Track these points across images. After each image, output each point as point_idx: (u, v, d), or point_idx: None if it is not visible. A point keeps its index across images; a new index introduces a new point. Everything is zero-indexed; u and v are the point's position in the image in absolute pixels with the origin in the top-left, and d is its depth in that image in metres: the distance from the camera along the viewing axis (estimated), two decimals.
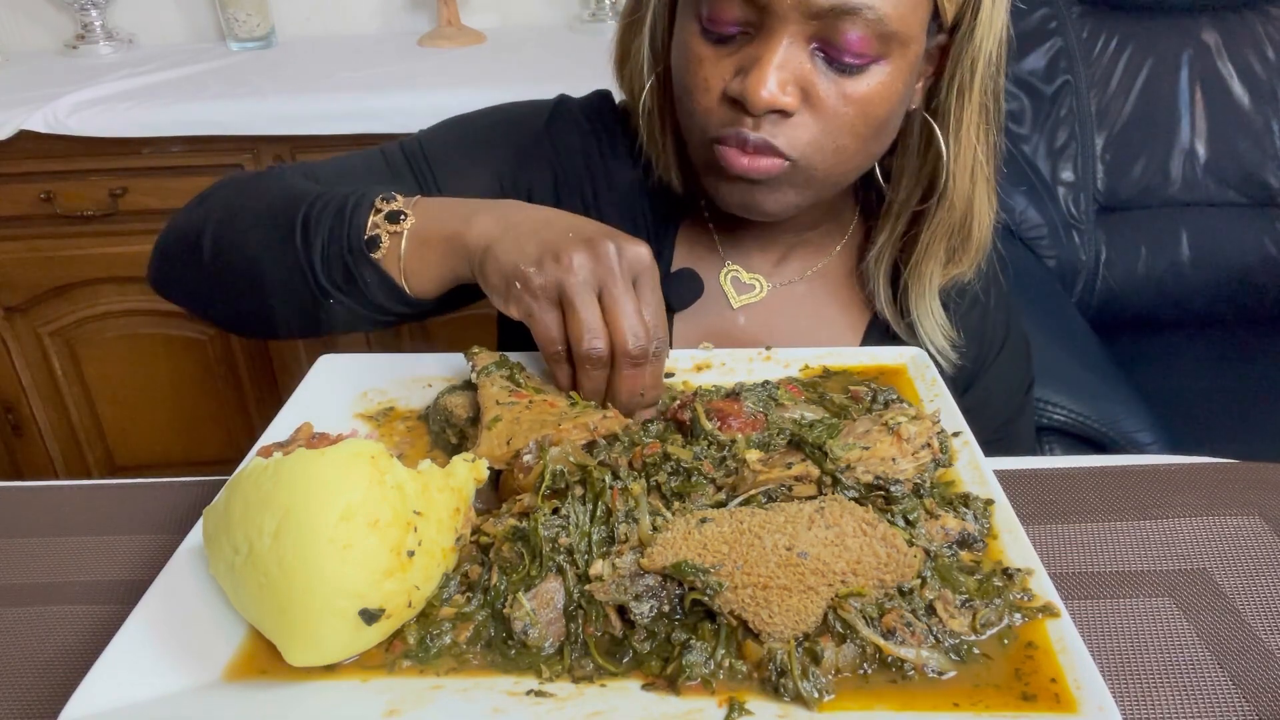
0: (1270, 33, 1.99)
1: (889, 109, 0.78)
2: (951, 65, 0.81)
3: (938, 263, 0.90)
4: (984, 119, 0.85)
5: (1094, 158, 2.00)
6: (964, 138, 0.84)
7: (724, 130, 0.77)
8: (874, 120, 0.78)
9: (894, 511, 0.58)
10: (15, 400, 2.05)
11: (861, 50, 0.73)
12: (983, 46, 0.80)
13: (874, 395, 0.71)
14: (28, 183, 1.84)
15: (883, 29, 0.73)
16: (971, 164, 0.86)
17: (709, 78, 0.77)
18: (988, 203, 0.89)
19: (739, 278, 0.94)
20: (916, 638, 0.50)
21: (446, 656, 0.52)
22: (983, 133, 0.85)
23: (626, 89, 0.93)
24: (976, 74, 0.81)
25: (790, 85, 0.74)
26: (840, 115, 0.76)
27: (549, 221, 0.70)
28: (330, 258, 0.75)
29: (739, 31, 0.76)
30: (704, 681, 0.49)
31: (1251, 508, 0.69)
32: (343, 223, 0.74)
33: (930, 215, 0.87)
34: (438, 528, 0.54)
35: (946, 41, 0.80)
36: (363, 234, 0.73)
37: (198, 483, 0.75)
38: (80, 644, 0.60)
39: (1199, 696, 0.54)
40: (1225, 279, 2.00)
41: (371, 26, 2.30)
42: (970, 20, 0.78)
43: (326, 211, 0.76)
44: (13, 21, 2.22)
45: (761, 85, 0.73)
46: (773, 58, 0.73)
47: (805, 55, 0.74)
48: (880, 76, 0.76)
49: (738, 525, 0.53)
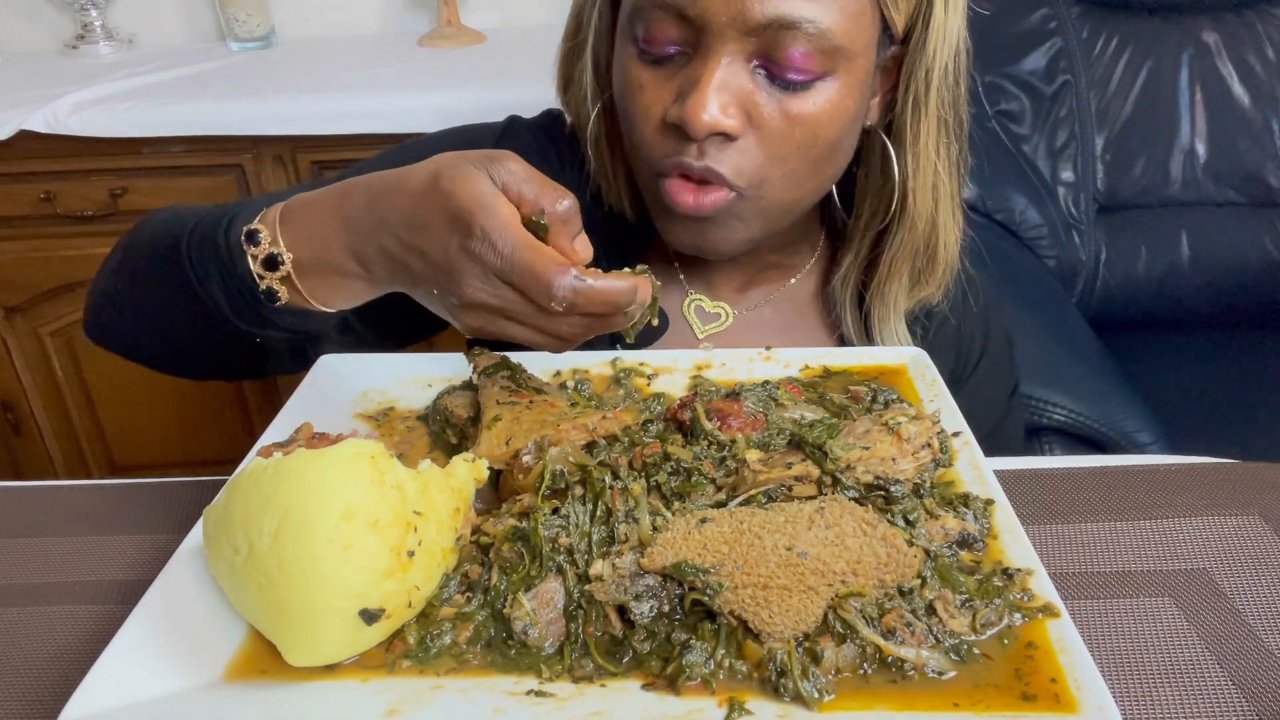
0: (1270, 33, 1.99)
1: (839, 128, 0.74)
2: (905, 78, 0.77)
3: (902, 285, 0.87)
4: (943, 133, 0.81)
5: (1094, 158, 2.00)
6: (922, 153, 0.80)
7: (666, 162, 0.74)
8: (824, 141, 0.74)
9: (894, 511, 0.58)
10: (15, 400, 2.05)
11: (805, 66, 0.70)
12: (937, 57, 0.76)
13: (874, 395, 0.71)
14: (28, 183, 1.84)
15: (826, 43, 0.69)
16: (932, 181, 0.82)
17: (650, 104, 0.74)
18: (953, 221, 0.85)
19: (703, 307, 0.91)
20: (916, 638, 0.50)
21: (446, 656, 0.52)
22: (943, 148, 0.81)
23: (573, 114, 0.89)
24: (932, 86, 0.77)
25: (732, 106, 0.71)
26: (787, 136, 0.72)
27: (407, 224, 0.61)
28: (239, 309, 0.69)
29: (677, 52, 0.72)
30: (704, 681, 0.49)
31: (1251, 508, 0.69)
32: (230, 273, 0.68)
33: (892, 235, 0.84)
34: (438, 528, 0.54)
35: (901, 53, 0.77)
36: (255, 287, 0.67)
37: (198, 483, 0.75)
38: (80, 644, 0.60)
39: (1199, 696, 0.54)
40: (1225, 279, 2.00)
41: (371, 26, 2.30)
42: (922, 30, 0.75)
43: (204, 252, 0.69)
44: (13, 21, 2.22)
45: (701, 108, 0.69)
46: (711, 78, 0.69)
47: (747, 74, 0.71)
48: (828, 94, 0.72)
49: (738, 525, 0.53)
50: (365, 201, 0.64)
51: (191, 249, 0.70)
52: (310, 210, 0.66)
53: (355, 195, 0.65)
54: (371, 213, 0.63)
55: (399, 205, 0.61)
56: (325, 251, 0.65)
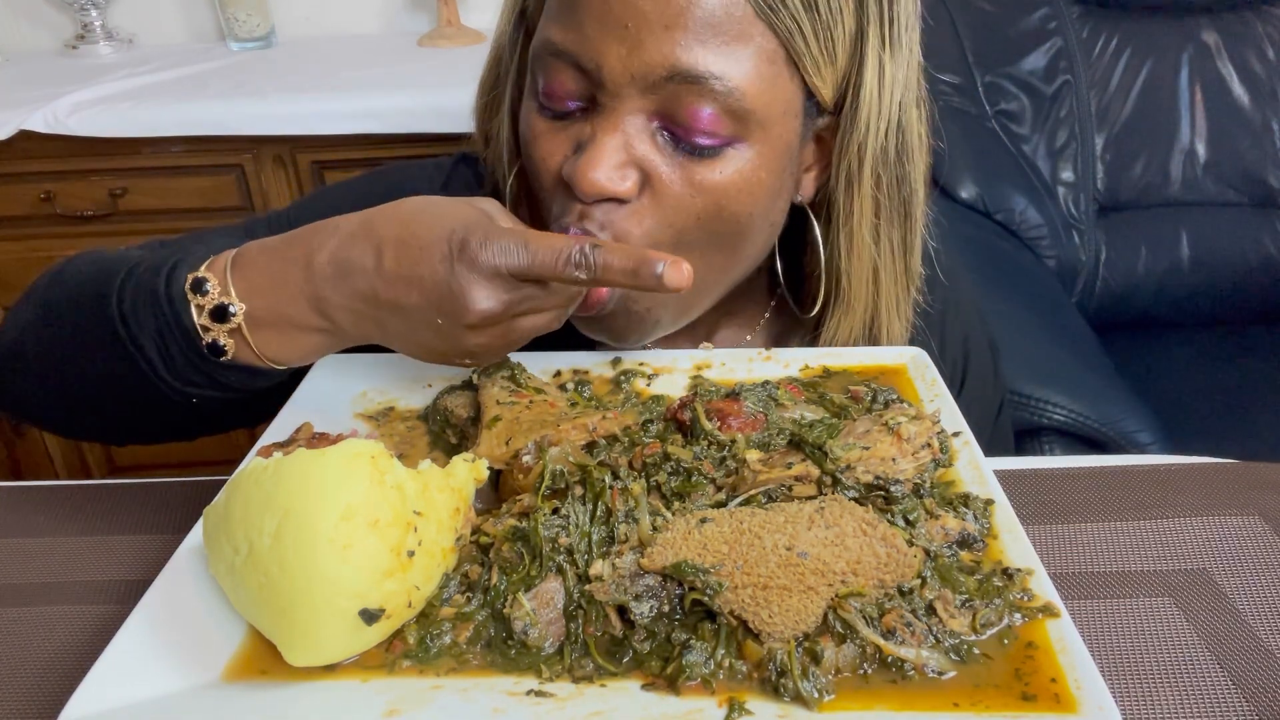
0: (1270, 33, 1.99)
1: (749, 202, 0.68)
2: (837, 152, 0.71)
3: None
4: (879, 214, 0.73)
5: (1094, 158, 2.00)
6: (855, 234, 0.73)
7: (560, 221, 0.69)
8: (730, 215, 0.67)
9: (894, 511, 0.58)
10: None
11: (712, 129, 0.64)
12: (870, 130, 0.69)
13: (874, 395, 0.71)
14: (28, 183, 1.85)
15: (736, 104, 0.63)
16: (871, 265, 0.75)
17: (546, 157, 0.69)
18: (899, 310, 0.78)
19: None
20: (916, 638, 0.50)
21: (446, 657, 0.52)
22: (881, 231, 0.74)
23: (492, 171, 0.83)
24: (865, 161, 0.70)
25: (629, 168, 0.65)
26: (687, 205, 0.66)
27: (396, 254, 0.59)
28: (177, 365, 0.64)
29: (577, 108, 0.67)
30: (704, 681, 0.49)
31: (1251, 508, 0.69)
32: (170, 327, 0.63)
33: (828, 319, 0.78)
34: (438, 528, 0.54)
35: (833, 124, 0.71)
36: (198, 340, 0.62)
37: (198, 483, 0.75)
38: (80, 644, 0.60)
39: (1199, 696, 0.54)
40: (1225, 279, 2.00)
41: (371, 26, 2.30)
42: (853, 100, 0.68)
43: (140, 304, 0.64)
44: (13, 21, 2.22)
45: (591, 168, 0.64)
46: (607, 138, 0.64)
47: (647, 135, 0.65)
48: (737, 163, 0.65)
49: (738, 525, 0.53)
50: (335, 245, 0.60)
51: (124, 300, 0.64)
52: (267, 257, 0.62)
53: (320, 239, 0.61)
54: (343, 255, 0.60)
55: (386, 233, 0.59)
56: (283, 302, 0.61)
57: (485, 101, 0.81)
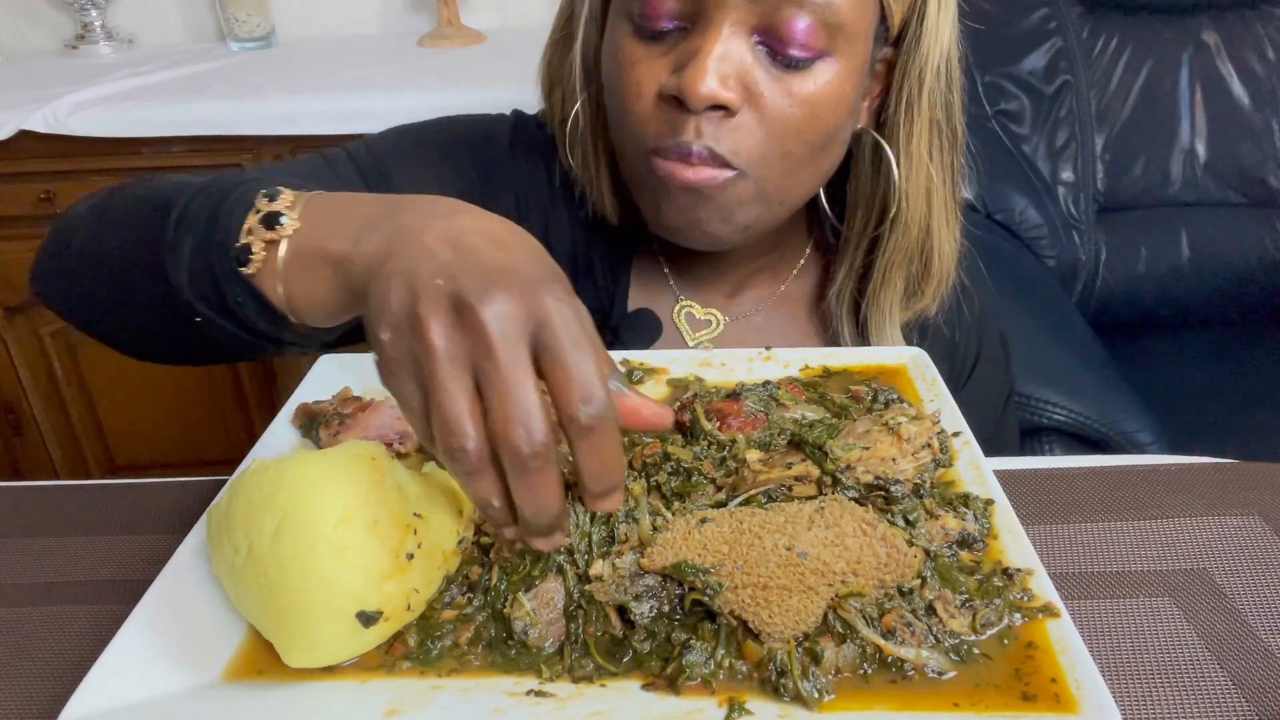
0: (1270, 33, 1.99)
1: (838, 114, 0.73)
2: (899, 78, 0.77)
3: (896, 293, 0.85)
4: (936, 136, 0.79)
5: (1094, 158, 2.00)
6: (915, 155, 0.79)
7: (662, 141, 0.72)
8: (823, 125, 0.72)
9: (894, 511, 0.58)
10: (15, 400, 2.05)
11: (808, 42, 0.69)
12: (930, 57, 0.75)
13: (874, 395, 0.71)
14: (28, 183, 1.84)
15: (831, 18, 0.68)
16: (926, 185, 0.80)
17: (642, 80, 0.72)
18: (948, 229, 0.83)
19: (693, 314, 0.90)
20: (916, 638, 0.50)
21: (447, 658, 0.52)
22: (936, 151, 0.80)
23: (557, 114, 0.86)
24: (924, 86, 0.76)
25: (731, 79, 0.69)
26: (787, 116, 0.71)
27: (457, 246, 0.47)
28: (197, 270, 0.60)
29: (675, 27, 0.71)
30: (704, 681, 0.49)
31: (1251, 508, 0.69)
32: (215, 225, 0.59)
33: (885, 241, 0.83)
34: (439, 530, 0.54)
35: (892, 56, 0.77)
36: (233, 241, 0.58)
37: (198, 483, 0.75)
38: (80, 644, 0.60)
39: (1199, 696, 0.54)
40: (1225, 279, 2.00)
41: (371, 26, 2.30)
42: (917, 27, 0.74)
43: (203, 208, 0.61)
44: (13, 21, 2.22)
45: (700, 78, 0.67)
46: (712, 48, 0.68)
47: (747, 49, 0.69)
48: (828, 75, 0.71)
49: (737, 525, 0.53)
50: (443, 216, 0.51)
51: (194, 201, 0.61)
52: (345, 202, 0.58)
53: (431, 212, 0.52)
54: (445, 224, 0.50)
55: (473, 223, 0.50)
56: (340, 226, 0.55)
57: (557, 39, 0.84)
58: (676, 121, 0.71)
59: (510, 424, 0.43)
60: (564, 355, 0.44)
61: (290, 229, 0.57)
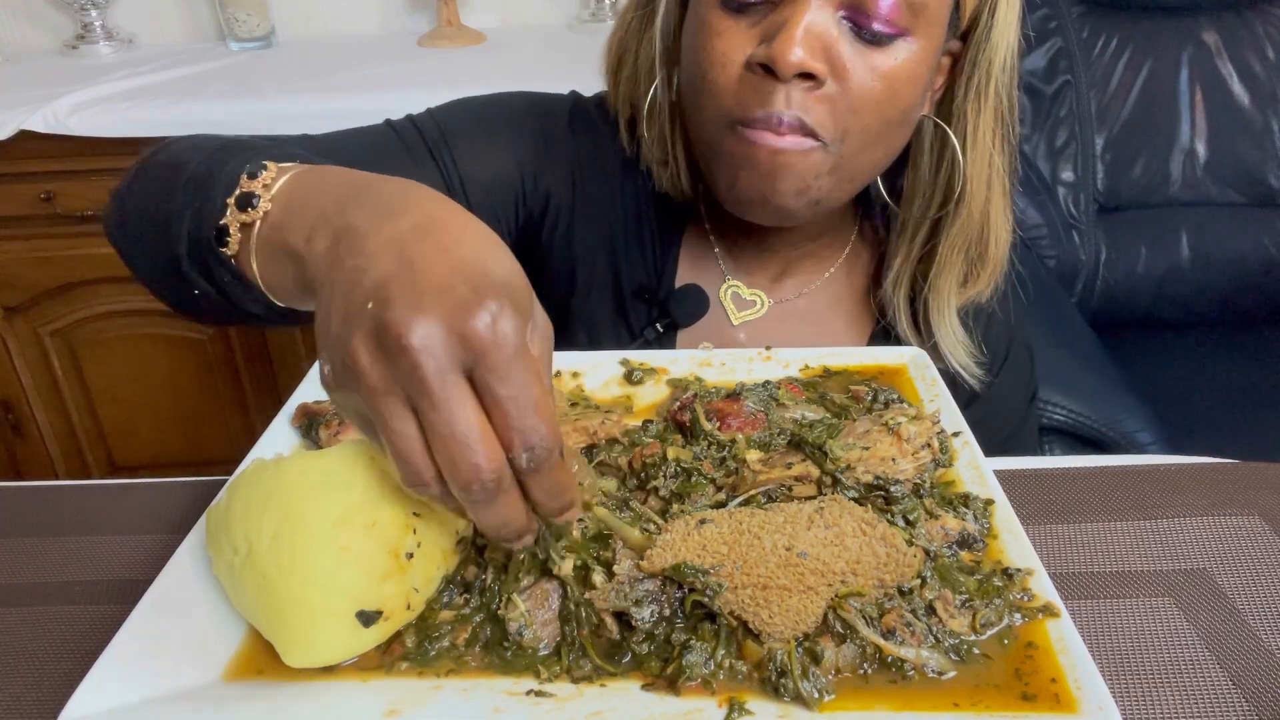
0: (1270, 33, 1.98)
1: (914, 92, 0.75)
2: (968, 68, 0.79)
3: (954, 279, 0.87)
4: (999, 125, 0.82)
5: (1094, 158, 2.00)
6: (980, 143, 0.82)
7: (749, 112, 0.74)
8: (900, 102, 0.75)
9: (894, 511, 0.58)
10: (15, 400, 2.05)
11: (892, 17, 0.71)
12: (999, 48, 0.78)
13: (875, 395, 0.71)
14: (28, 183, 1.84)
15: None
16: (988, 172, 0.83)
17: (728, 51, 0.74)
18: (1004, 217, 0.86)
19: (739, 294, 0.92)
20: (916, 638, 0.50)
21: (445, 659, 0.52)
22: (998, 140, 0.83)
23: (625, 94, 0.89)
24: (993, 77, 0.79)
25: (819, 50, 0.71)
26: (869, 90, 0.73)
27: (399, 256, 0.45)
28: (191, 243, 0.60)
29: (761, 1, 0.73)
30: (704, 682, 0.49)
31: (1251, 508, 0.69)
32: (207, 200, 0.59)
33: (947, 225, 0.85)
34: (438, 530, 0.54)
35: (959, 49, 0.80)
36: (215, 220, 0.58)
37: (198, 483, 0.74)
38: (80, 644, 0.60)
39: (1199, 696, 0.54)
40: (1225, 279, 2.00)
41: (371, 26, 2.30)
42: (988, 20, 0.77)
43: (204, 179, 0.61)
44: (13, 21, 2.22)
45: (790, 47, 0.69)
46: (801, 18, 0.70)
47: (833, 22, 0.72)
48: (908, 53, 0.73)
49: (737, 526, 0.53)
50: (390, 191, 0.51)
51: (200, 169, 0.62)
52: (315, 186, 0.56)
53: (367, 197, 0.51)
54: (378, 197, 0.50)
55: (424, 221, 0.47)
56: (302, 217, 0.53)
57: (636, 17, 0.86)
58: (765, 91, 0.73)
59: (455, 465, 0.42)
60: (498, 394, 0.42)
61: (262, 211, 0.56)
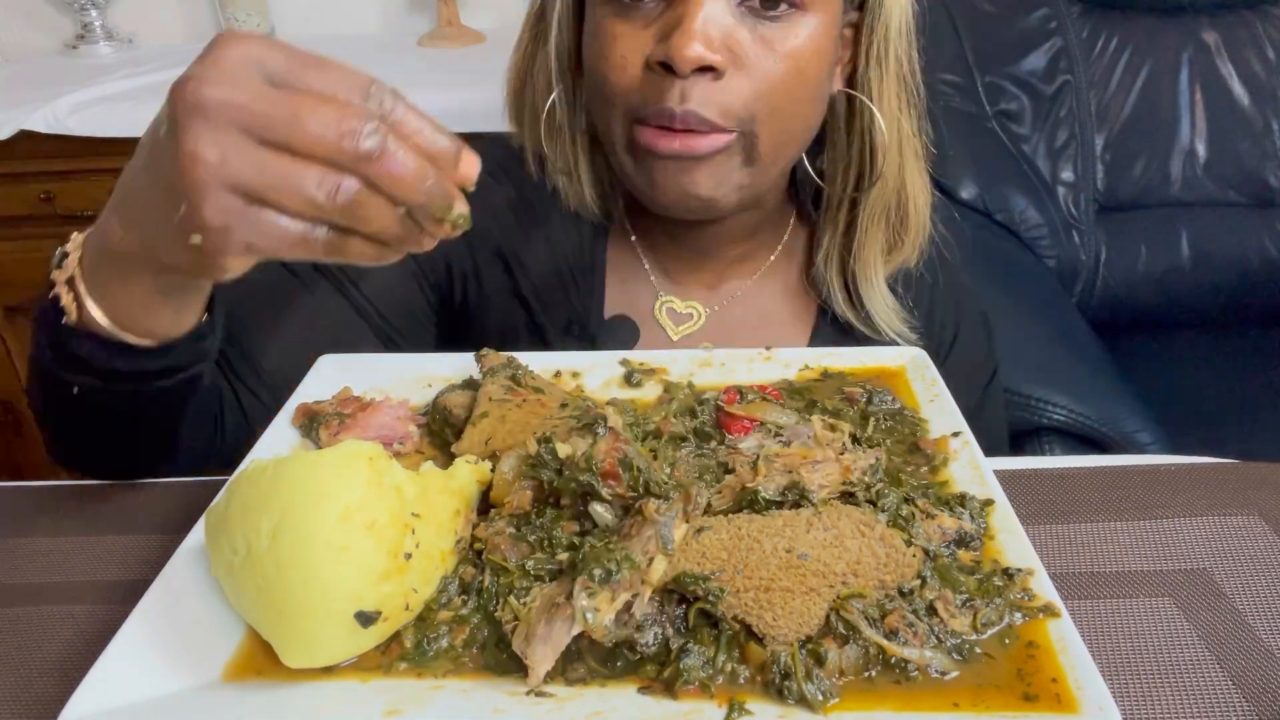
0: (1270, 33, 1.99)
1: (819, 68, 0.76)
2: (867, 35, 0.81)
3: (879, 248, 0.88)
4: (903, 89, 0.83)
5: (1094, 158, 2.00)
6: (887, 109, 0.83)
7: (648, 109, 0.74)
8: (806, 80, 0.76)
9: (882, 507, 0.58)
10: (15, 400, 2.05)
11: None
12: (894, 13, 0.79)
13: (869, 397, 0.71)
14: (28, 183, 1.85)
15: None
16: (899, 138, 0.84)
17: (627, 53, 0.74)
18: (920, 181, 0.87)
19: (674, 308, 0.91)
20: (919, 638, 0.50)
21: (443, 660, 0.52)
22: (905, 105, 0.84)
23: (529, 115, 0.87)
24: (890, 42, 0.80)
25: (717, 41, 0.71)
26: (772, 72, 0.74)
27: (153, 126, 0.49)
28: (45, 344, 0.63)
29: None
30: (701, 685, 0.49)
31: (1251, 508, 0.69)
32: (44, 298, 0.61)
33: (865, 196, 0.86)
34: (437, 530, 0.54)
35: (859, 20, 0.81)
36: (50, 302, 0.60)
37: (198, 483, 0.74)
38: (80, 644, 0.60)
39: (1199, 696, 0.54)
40: (1225, 279, 2.00)
41: (371, 26, 2.30)
42: None
43: (37, 306, 0.63)
44: (13, 21, 2.22)
45: (688, 42, 0.70)
46: (696, 12, 0.70)
47: (729, 10, 0.72)
48: (808, 30, 0.74)
49: (736, 531, 0.53)
50: None
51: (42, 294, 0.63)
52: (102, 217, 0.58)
53: None
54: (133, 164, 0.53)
55: None
56: (102, 232, 0.56)
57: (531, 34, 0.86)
58: (662, 88, 0.73)
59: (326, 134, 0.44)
60: (306, 78, 0.45)
61: (74, 257, 0.58)
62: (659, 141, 0.74)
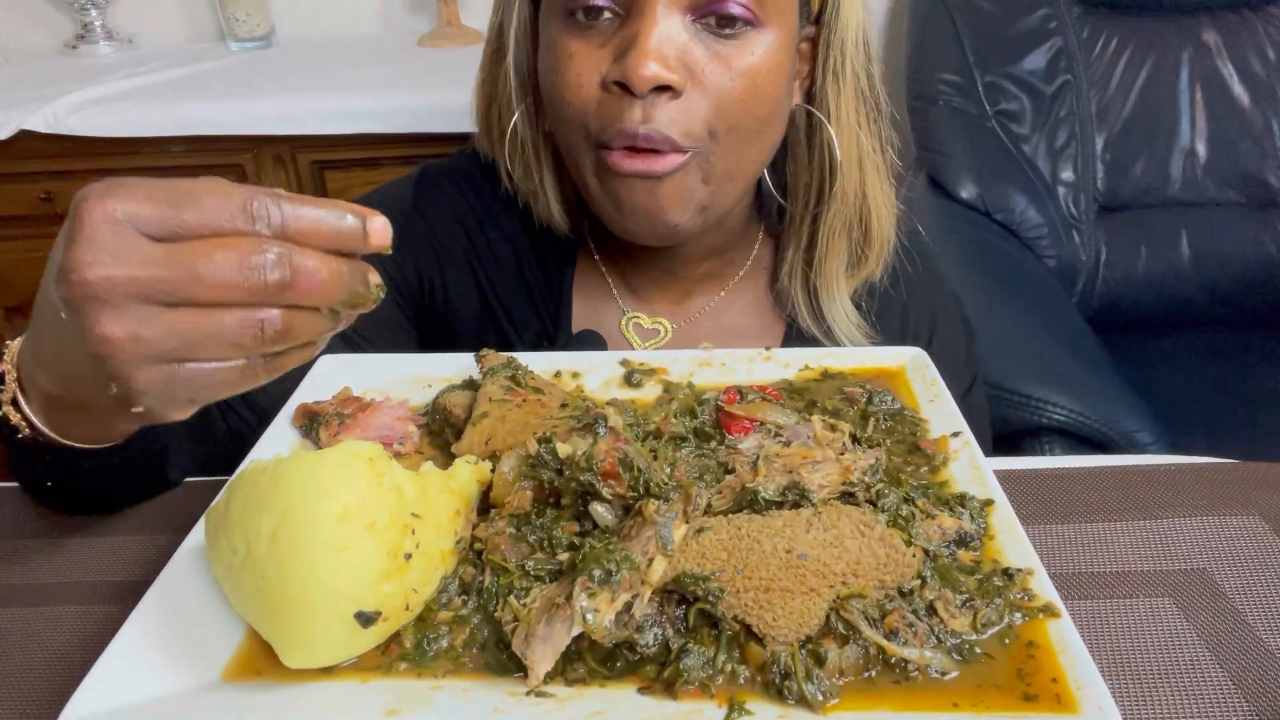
0: (1270, 33, 1.98)
1: (777, 84, 0.75)
2: (823, 52, 0.80)
3: (841, 261, 0.88)
4: (861, 104, 0.83)
5: (1094, 158, 2.00)
6: (845, 124, 0.82)
7: (609, 131, 0.73)
8: (764, 96, 0.74)
9: (881, 506, 0.57)
10: None
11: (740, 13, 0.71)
12: (849, 25, 0.79)
13: (869, 397, 0.71)
14: (28, 183, 1.84)
15: None
16: (857, 152, 0.83)
17: (582, 72, 0.73)
18: (882, 194, 0.86)
19: (640, 324, 0.91)
20: (919, 638, 0.50)
21: (443, 660, 0.52)
22: (864, 119, 0.83)
23: (496, 133, 0.87)
24: (847, 57, 0.80)
25: (673, 60, 0.70)
26: (730, 90, 0.73)
27: None
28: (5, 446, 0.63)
29: (608, 6, 0.72)
30: (701, 685, 0.49)
31: (1251, 508, 0.69)
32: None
33: (826, 210, 0.85)
34: (437, 530, 0.54)
35: (815, 34, 0.80)
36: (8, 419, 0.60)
37: (198, 483, 0.74)
38: (80, 644, 0.60)
39: (1199, 696, 0.54)
40: (1225, 279, 2.00)
41: (371, 26, 2.30)
42: (834, 3, 0.78)
43: None
44: (13, 21, 2.22)
45: (643, 61, 0.69)
46: (651, 31, 0.70)
47: (684, 28, 0.71)
48: (764, 46, 0.73)
49: (735, 532, 0.53)
50: None
51: None
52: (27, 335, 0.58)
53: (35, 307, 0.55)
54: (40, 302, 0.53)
55: None
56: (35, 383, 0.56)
57: (491, 53, 0.85)
58: (622, 108, 0.72)
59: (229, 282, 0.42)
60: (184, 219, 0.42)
61: (11, 379, 0.58)
62: (624, 162, 0.73)
